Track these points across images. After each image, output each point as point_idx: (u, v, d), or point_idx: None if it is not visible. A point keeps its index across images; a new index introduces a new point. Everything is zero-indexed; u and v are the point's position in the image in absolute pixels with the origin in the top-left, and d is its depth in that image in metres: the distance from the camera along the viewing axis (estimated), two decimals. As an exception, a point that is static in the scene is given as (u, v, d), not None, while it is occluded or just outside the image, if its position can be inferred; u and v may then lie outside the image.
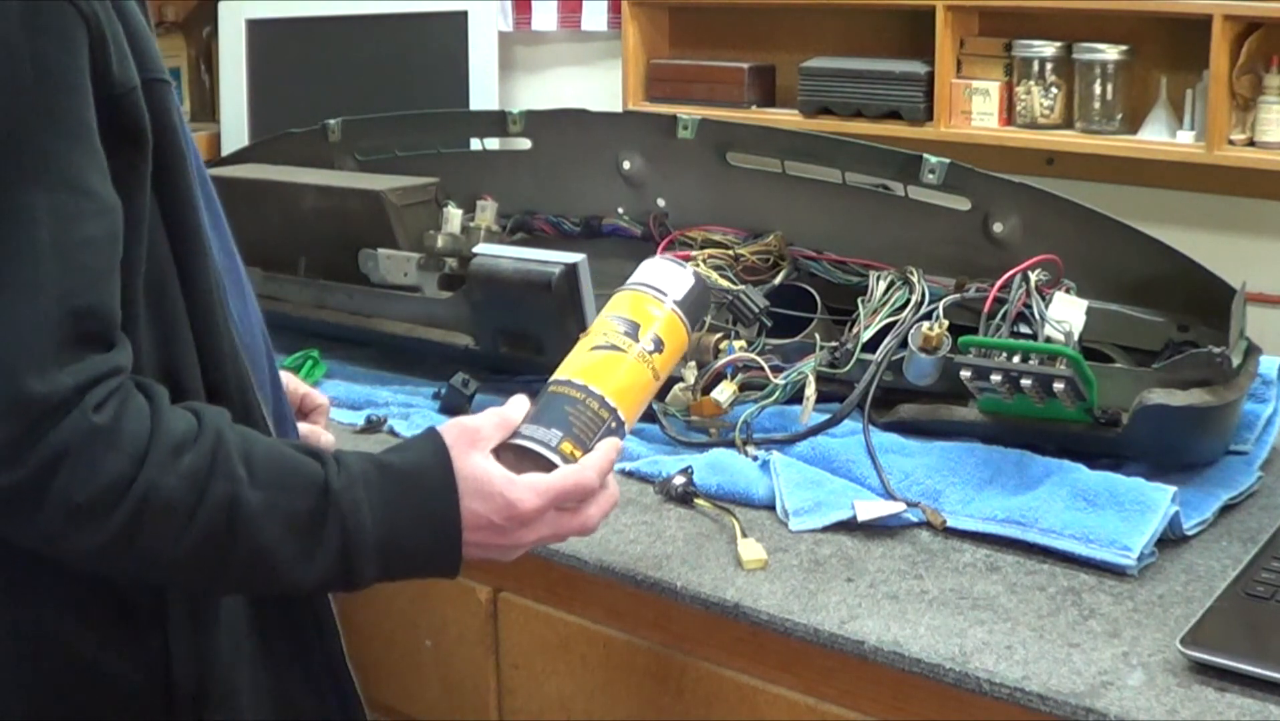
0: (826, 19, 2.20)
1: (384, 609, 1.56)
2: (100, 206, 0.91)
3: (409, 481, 0.99)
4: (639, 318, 1.15)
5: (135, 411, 0.92)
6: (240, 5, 2.66)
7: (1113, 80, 1.89)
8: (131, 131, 0.94)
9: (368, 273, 1.83)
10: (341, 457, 0.98)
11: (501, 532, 1.01)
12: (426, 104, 2.19)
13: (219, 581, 0.97)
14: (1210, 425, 1.39)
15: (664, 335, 1.15)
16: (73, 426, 0.89)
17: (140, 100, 0.95)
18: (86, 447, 0.89)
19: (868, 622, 1.19)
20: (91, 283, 0.90)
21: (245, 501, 0.93)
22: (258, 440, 0.97)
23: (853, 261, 1.65)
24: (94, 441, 0.89)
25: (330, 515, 0.95)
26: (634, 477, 1.49)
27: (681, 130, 1.74)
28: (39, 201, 0.88)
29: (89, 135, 0.91)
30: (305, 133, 2.05)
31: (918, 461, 1.43)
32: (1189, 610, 1.18)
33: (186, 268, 1.00)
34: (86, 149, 0.91)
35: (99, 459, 0.90)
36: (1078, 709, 1.06)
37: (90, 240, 0.90)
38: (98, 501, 0.90)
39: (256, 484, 0.93)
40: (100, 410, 0.90)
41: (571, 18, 2.49)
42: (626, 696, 1.37)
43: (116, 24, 0.94)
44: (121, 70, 0.93)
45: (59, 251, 0.88)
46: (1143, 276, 1.51)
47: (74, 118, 0.90)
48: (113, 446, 0.90)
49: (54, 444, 0.88)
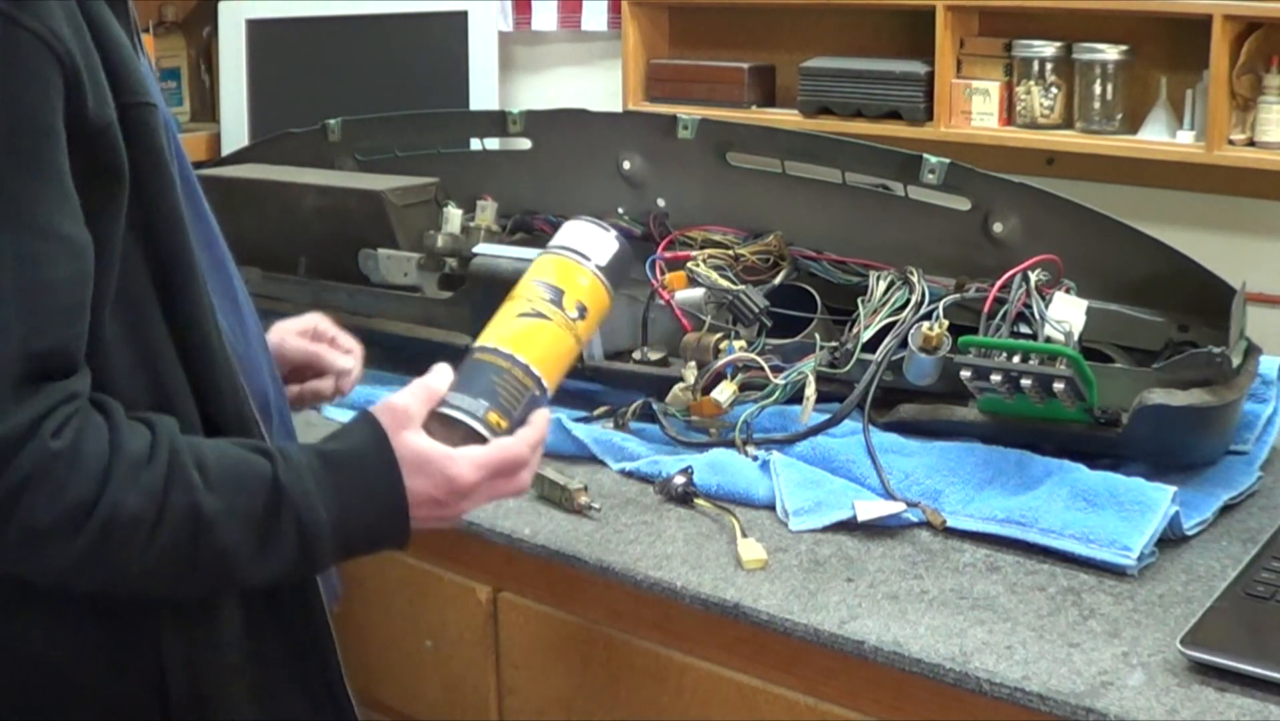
0: (826, 19, 2.20)
1: (384, 609, 1.56)
2: (68, 249, 0.91)
3: (352, 467, 1.02)
4: (563, 284, 1.15)
5: (93, 432, 0.93)
6: (240, 5, 2.66)
7: (1113, 80, 1.89)
8: (108, 166, 0.94)
9: (368, 273, 1.83)
10: (285, 451, 1.00)
11: (442, 505, 1.05)
12: (426, 104, 2.19)
13: (184, 585, 0.99)
14: (1210, 425, 1.39)
15: (588, 301, 1.15)
16: (32, 455, 0.90)
17: (117, 134, 0.94)
18: (48, 474, 0.90)
19: (868, 622, 1.19)
20: (54, 325, 0.91)
21: (204, 507, 0.95)
22: (205, 443, 0.99)
23: (853, 261, 1.65)
24: (54, 467, 0.90)
25: (284, 508, 0.97)
26: (634, 477, 1.49)
27: (681, 130, 1.74)
28: (3, 244, 0.88)
29: (59, 177, 0.91)
30: (305, 133, 2.05)
31: (918, 461, 1.43)
32: (1189, 610, 1.18)
33: (173, 291, 1.00)
34: (56, 191, 0.91)
35: (61, 483, 0.91)
36: (1078, 709, 1.06)
37: (55, 283, 0.91)
38: (63, 523, 0.91)
39: (212, 488, 0.96)
40: (58, 436, 0.91)
41: (571, 18, 2.49)
42: (626, 696, 1.37)
43: (94, 56, 0.93)
44: (97, 106, 0.93)
45: (21, 295, 0.89)
46: (1143, 276, 1.51)
47: (44, 160, 0.90)
48: (73, 469, 0.91)
49: (14, 475, 0.89)
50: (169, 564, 0.95)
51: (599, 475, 1.50)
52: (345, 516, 1.00)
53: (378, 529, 1.03)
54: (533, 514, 1.42)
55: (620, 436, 1.56)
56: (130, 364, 0.98)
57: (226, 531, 0.95)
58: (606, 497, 1.44)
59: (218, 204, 1.18)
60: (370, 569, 1.55)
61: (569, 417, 1.55)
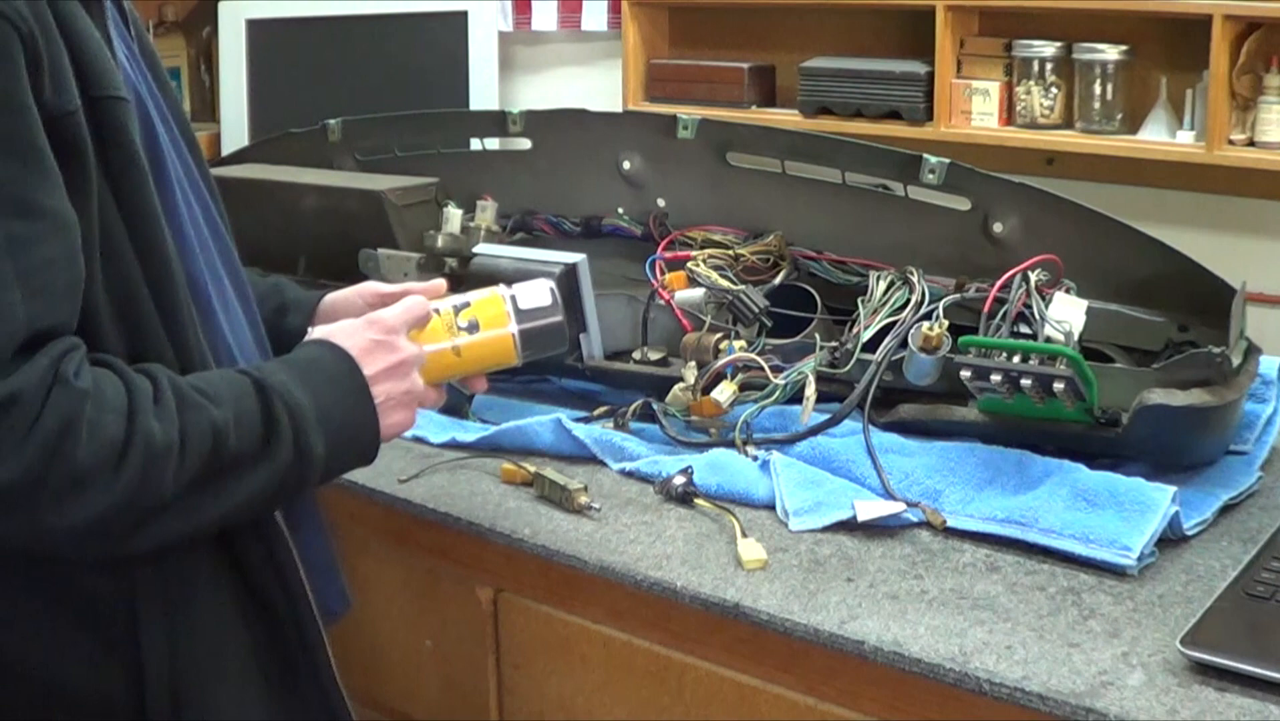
0: (826, 19, 2.20)
1: (384, 609, 1.56)
2: (56, 224, 0.93)
3: (312, 363, 1.10)
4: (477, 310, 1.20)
5: (104, 374, 0.95)
6: (240, 5, 2.66)
7: (1113, 80, 1.89)
8: (70, 154, 0.95)
9: (368, 273, 1.83)
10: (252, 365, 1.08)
11: (389, 348, 1.12)
12: (426, 104, 2.19)
13: (205, 511, 1.00)
14: (1210, 425, 1.39)
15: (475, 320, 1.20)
16: (65, 397, 0.91)
17: (80, 123, 0.95)
18: (81, 414, 0.92)
19: (868, 622, 1.19)
20: (54, 304, 0.93)
21: (216, 420, 0.99)
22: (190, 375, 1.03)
23: (853, 261, 1.65)
24: (85, 406, 0.92)
25: (274, 402, 1.02)
26: (634, 477, 1.49)
27: (681, 130, 1.74)
28: None
29: (39, 154, 0.92)
30: (305, 133, 2.05)
31: (918, 461, 1.43)
32: (1189, 610, 1.18)
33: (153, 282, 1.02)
34: (37, 168, 0.92)
35: (95, 421, 0.93)
36: (1078, 709, 1.06)
37: (49, 261, 0.92)
38: (105, 461, 0.93)
39: (215, 402, 1.00)
40: (79, 377, 0.93)
41: (571, 18, 2.49)
42: (626, 696, 1.37)
43: (58, 45, 0.94)
44: (56, 93, 0.94)
45: (19, 277, 0.90)
46: (1143, 276, 1.51)
47: (21, 139, 0.91)
48: (101, 407, 0.93)
49: (52, 418, 0.90)
50: (197, 487, 0.98)
51: (599, 475, 1.50)
52: (320, 397, 1.05)
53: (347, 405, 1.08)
54: (533, 514, 1.42)
55: (620, 436, 1.56)
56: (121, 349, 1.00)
57: (237, 436, 0.99)
58: (606, 497, 1.44)
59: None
60: (370, 569, 1.55)
61: (569, 418, 1.55)
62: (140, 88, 1.06)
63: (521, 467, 1.48)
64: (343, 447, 1.08)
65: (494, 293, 1.22)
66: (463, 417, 1.64)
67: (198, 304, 1.07)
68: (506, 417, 1.60)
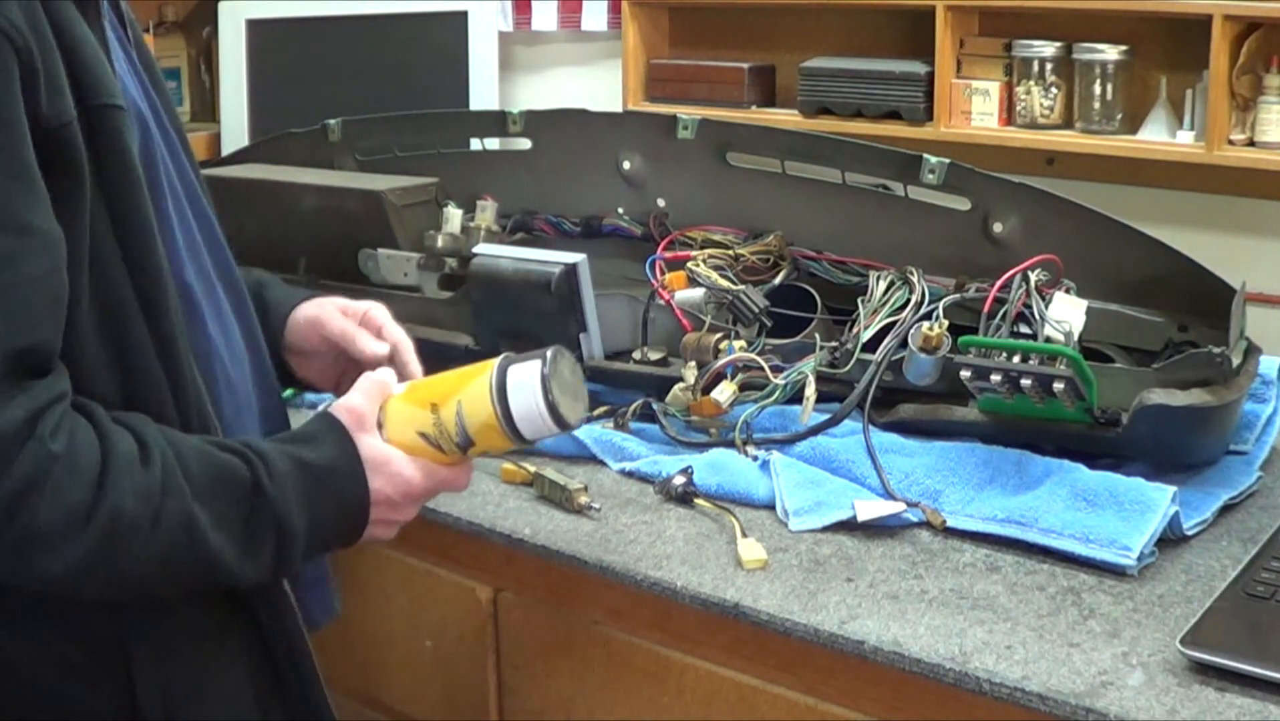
0: (826, 19, 2.20)
1: (384, 609, 1.56)
2: (42, 242, 0.91)
3: (327, 477, 1.05)
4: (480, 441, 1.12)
5: (84, 435, 0.94)
6: (240, 5, 2.65)
7: (1113, 80, 1.89)
8: (64, 166, 0.94)
9: (368, 273, 1.83)
10: (265, 456, 1.02)
11: (395, 507, 1.10)
12: (426, 104, 2.19)
13: (169, 588, 1.00)
14: (1210, 425, 1.39)
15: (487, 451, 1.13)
16: (34, 456, 0.90)
17: (75, 134, 0.94)
18: (49, 476, 0.90)
19: (868, 622, 1.19)
20: (34, 321, 0.91)
21: (196, 515, 0.97)
22: (185, 446, 1.00)
23: (853, 261, 1.65)
24: (54, 468, 0.91)
25: (266, 518, 1.01)
26: (634, 477, 1.49)
27: (681, 130, 1.74)
28: None
29: (26, 170, 0.90)
30: (305, 133, 2.05)
31: (918, 461, 1.43)
32: (1189, 610, 1.18)
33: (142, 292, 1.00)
34: (24, 184, 0.90)
35: (61, 485, 0.91)
36: (1078, 709, 1.06)
37: (31, 279, 0.91)
38: (64, 526, 0.91)
39: (199, 495, 0.97)
40: (55, 437, 0.91)
41: (571, 18, 2.49)
42: (626, 696, 1.37)
43: (54, 55, 0.93)
44: (52, 104, 0.92)
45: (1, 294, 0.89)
46: (1143, 276, 1.51)
47: (9, 154, 0.90)
48: (72, 472, 0.91)
49: (17, 476, 0.89)
50: (163, 566, 0.96)
51: (599, 475, 1.50)
52: (316, 524, 1.04)
53: (339, 531, 1.08)
54: (533, 514, 1.42)
55: (620, 436, 1.56)
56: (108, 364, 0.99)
57: (215, 537, 0.98)
58: (606, 497, 1.44)
59: (218, 204, 1.18)
60: (370, 569, 1.55)
61: (569, 418, 1.55)
62: (136, 93, 1.05)
63: (521, 467, 1.48)
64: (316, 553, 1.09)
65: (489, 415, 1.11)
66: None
67: (187, 311, 1.05)
68: (506, 417, 1.59)
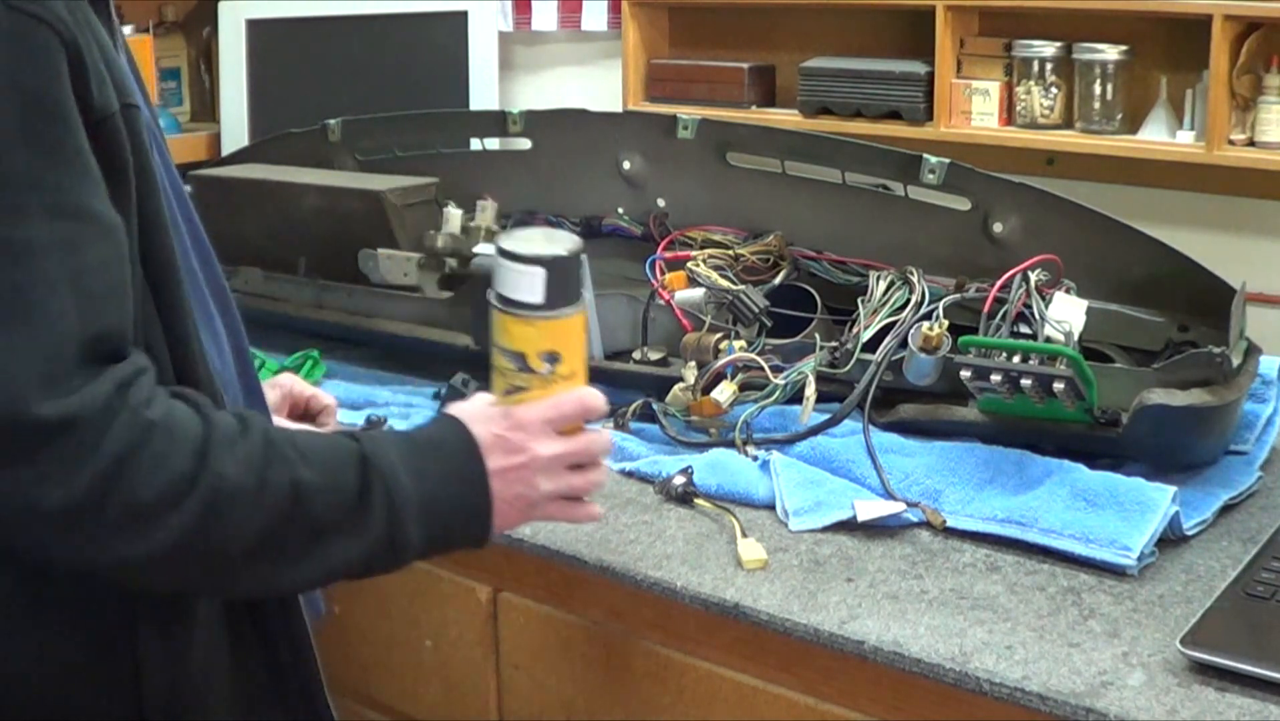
0: (826, 19, 2.20)
1: (384, 609, 1.56)
2: (103, 228, 0.91)
3: (432, 443, 1.04)
4: (519, 345, 1.08)
5: (180, 407, 0.93)
6: (240, 5, 2.65)
7: (1113, 80, 1.89)
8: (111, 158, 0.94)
9: (368, 273, 1.83)
10: (367, 433, 1.02)
11: (515, 448, 1.05)
12: (426, 104, 2.19)
13: (278, 570, 0.97)
14: (1210, 425, 1.39)
15: (552, 345, 1.08)
16: (128, 425, 0.89)
17: (119, 125, 0.94)
18: (146, 445, 0.89)
19: (868, 622, 1.19)
20: (105, 306, 0.91)
21: (303, 481, 0.95)
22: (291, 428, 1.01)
23: (853, 261, 1.65)
24: (152, 437, 0.90)
25: (374, 481, 0.98)
26: (634, 477, 1.49)
27: (681, 130, 1.74)
28: (42, 233, 0.88)
29: (83, 158, 0.91)
30: (305, 133, 2.05)
31: (918, 461, 1.43)
32: (1189, 610, 1.18)
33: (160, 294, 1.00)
34: (82, 172, 0.91)
35: (162, 454, 0.90)
36: (1078, 709, 1.06)
37: (99, 264, 0.91)
38: (165, 498, 0.90)
39: (308, 462, 0.96)
40: (150, 406, 0.90)
41: (571, 18, 2.49)
42: (626, 696, 1.37)
43: (94, 49, 0.94)
44: (101, 95, 0.93)
45: (70, 280, 0.89)
46: (1143, 276, 1.51)
47: (67, 144, 0.90)
48: (172, 439, 0.90)
49: (114, 447, 0.88)
50: (269, 541, 0.94)
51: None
52: (428, 488, 1.01)
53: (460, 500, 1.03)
54: (533, 514, 1.42)
55: (620, 436, 1.56)
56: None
57: (323, 505, 0.96)
58: (606, 498, 1.44)
59: (218, 204, 1.18)
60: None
61: (569, 417, 1.55)
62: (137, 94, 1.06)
63: (521, 467, 1.48)
64: (443, 536, 1.04)
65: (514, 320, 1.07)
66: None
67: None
68: (506, 417, 1.59)
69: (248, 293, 1.90)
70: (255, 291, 1.91)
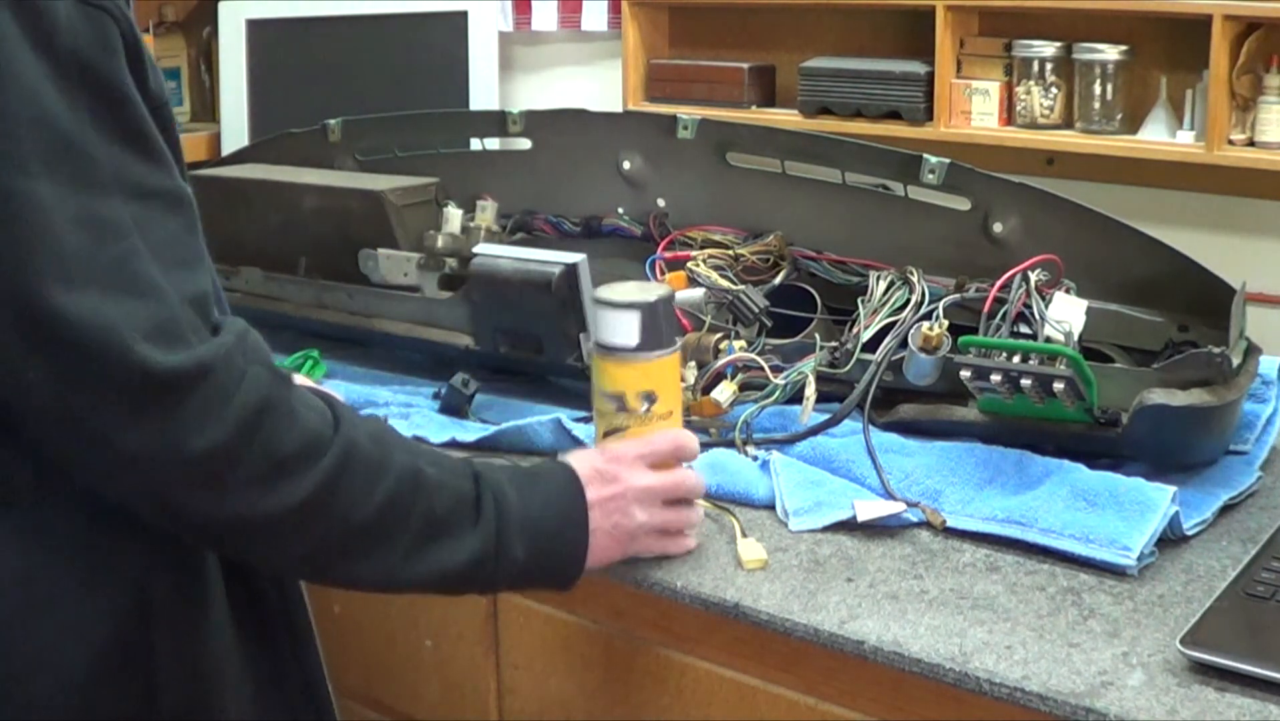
0: (826, 19, 2.20)
1: (384, 609, 1.56)
2: (173, 202, 0.94)
3: (534, 472, 1.10)
4: (618, 386, 1.17)
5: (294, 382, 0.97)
6: (240, 5, 2.66)
7: (1113, 80, 1.89)
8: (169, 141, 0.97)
9: (368, 273, 1.83)
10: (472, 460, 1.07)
11: (610, 478, 1.10)
12: (426, 104, 2.19)
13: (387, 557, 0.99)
14: (1210, 425, 1.39)
15: (648, 387, 1.17)
16: (263, 378, 0.91)
17: (172, 114, 0.98)
18: (284, 398, 0.92)
19: (868, 622, 1.19)
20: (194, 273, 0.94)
21: (425, 472, 0.99)
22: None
23: (853, 261, 1.65)
24: (288, 392, 0.92)
25: (485, 491, 1.02)
26: (634, 477, 1.49)
27: (681, 130, 1.74)
28: (129, 209, 0.90)
29: (144, 136, 0.93)
30: (305, 133, 2.05)
31: (918, 461, 1.43)
32: (1189, 610, 1.18)
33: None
34: (149, 150, 0.93)
35: (299, 411, 0.92)
36: (1078, 709, 1.06)
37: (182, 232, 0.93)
38: (304, 452, 0.92)
39: (427, 459, 1.00)
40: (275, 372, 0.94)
41: (571, 18, 2.49)
42: (626, 696, 1.37)
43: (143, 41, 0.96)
44: (156, 83, 0.96)
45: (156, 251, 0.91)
46: (1143, 276, 1.51)
47: (130, 124, 0.92)
48: (304, 399, 0.94)
49: (249, 398, 0.90)
50: (387, 519, 0.96)
51: (599, 475, 1.50)
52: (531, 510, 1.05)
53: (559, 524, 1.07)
54: (533, 514, 1.42)
55: (620, 436, 1.55)
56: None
57: (440, 501, 0.99)
58: (606, 497, 1.44)
59: (218, 204, 1.19)
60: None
61: (569, 418, 1.55)
62: None
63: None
64: (543, 560, 1.07)
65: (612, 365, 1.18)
66: (463, 417, 1.64)
67: None
68: (506, 417, 1.60)
69: (248, 292, 1.91)
70: (255, 291, 1.91)
